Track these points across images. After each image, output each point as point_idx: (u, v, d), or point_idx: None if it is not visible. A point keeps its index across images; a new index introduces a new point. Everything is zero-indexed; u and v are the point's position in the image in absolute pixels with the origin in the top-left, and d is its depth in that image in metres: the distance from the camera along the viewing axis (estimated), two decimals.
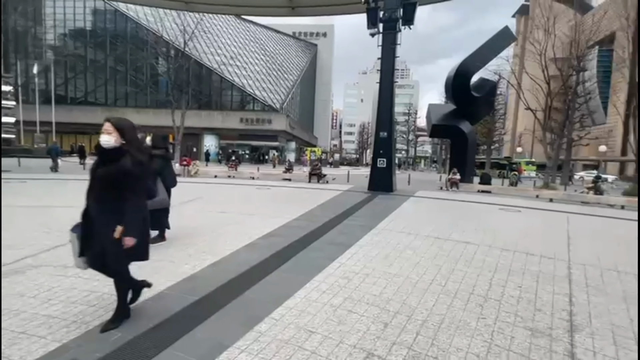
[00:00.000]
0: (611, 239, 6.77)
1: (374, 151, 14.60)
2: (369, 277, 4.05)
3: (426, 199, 12.34)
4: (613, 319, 3.21)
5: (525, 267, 4.69)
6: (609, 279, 4.29)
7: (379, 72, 13.89)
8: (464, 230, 6.90)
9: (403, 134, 56.52)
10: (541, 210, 10.39)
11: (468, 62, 20.10)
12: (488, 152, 38.55)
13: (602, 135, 49.53)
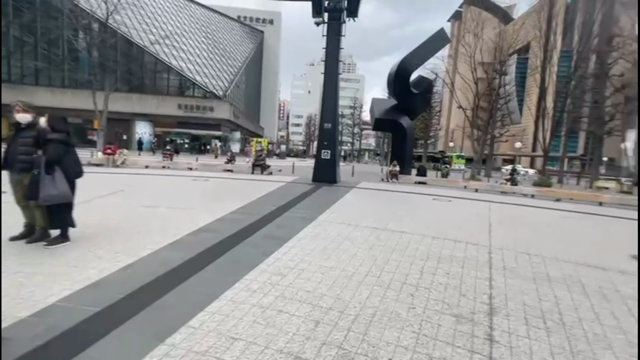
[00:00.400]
0: (524, 225, 7.57)
1: (318, 143, 14.55)
2: (304, 272, 3.87)
3: (368, 190, 12.67)
4: (525, 299, 3.48)
5: (453, 253, 4.95)
6: (522, 262, 4.72)
7: (324, 62, 13.76)
8: (401, 220, 7.14)
9: (349, 127, 57.93)
10: (468, 200, 11.32)
11: (407, 60, 21.06)
12: (425, 146, 41.39)
13: (517, 133, 56.43)
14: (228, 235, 5.27)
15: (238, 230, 5.58)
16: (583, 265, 4.76)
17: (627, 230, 7.83)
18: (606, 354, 2.56)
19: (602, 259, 5.09)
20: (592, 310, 3.29)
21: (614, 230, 7.83)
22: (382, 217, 7.36)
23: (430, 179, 18.18)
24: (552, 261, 4.83)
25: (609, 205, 12.15)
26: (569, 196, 13.20)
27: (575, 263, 4.84)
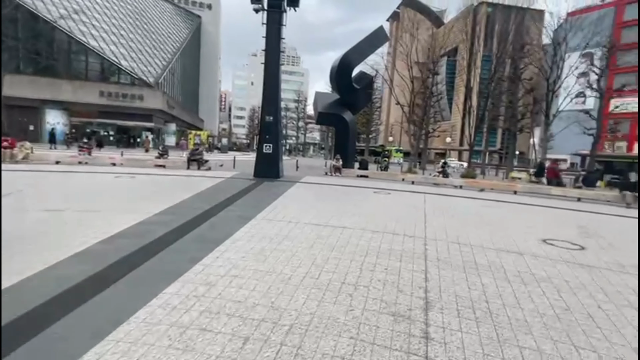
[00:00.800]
0: (454, 215, 8.09)
1: (259, 136, 13.96)
2: (236, 279, 3.51)
3: (311, 185, 12.55)
4: (457, 289, 3.59)
5: (392, 247, 5.00)
6: (453, 252, 4.95)
7: (264, 52, 13.16)
8: (342, 215, 7.10)
9: (293, 120, 57.50)
10: (406, 192, 11.86)
11: (349, 55, 21.33)
12: (367, 140, 42.92)
13: (448, 129, 61.69)
14: (150, 240, 4.64)
15: (163, 234, 4.95)
16: (504, 251, 5.17)
17: (536, 217, 8.86)
18: (527, 339, 2.69)
19: (518, 244, 5.59)
20: (513, 296, 3.50)
21: (526, 217, 8.81)
22: (324, 212, 7.24)
23: (372, 173, 18.77)
24: (479, 249, 5.16)
25: (521, 193, 13.76)
26: (490, 186, 14.69)
27: (498, 249, 5.23)
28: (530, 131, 27.87)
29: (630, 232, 7.33)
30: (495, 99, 27.75)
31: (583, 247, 5.67)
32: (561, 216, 8.98)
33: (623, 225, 8.36)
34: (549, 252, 5.26)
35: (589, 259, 5.01)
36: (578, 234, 6.65)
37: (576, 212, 9.75)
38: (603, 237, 6.51)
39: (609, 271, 4.53)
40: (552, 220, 8.33)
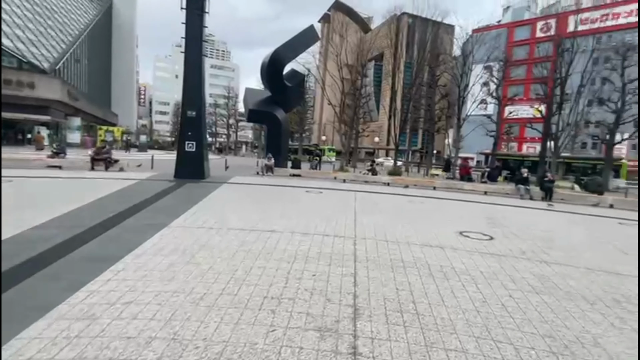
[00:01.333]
0: (382, 211, 8.29)
1: (180, 133, 12.65)
2: (131, 306, 2.84)
3: (240, 186, 11.80)
4: (385, 291, 3.47)
5: (321, 250, 4.76)
6: (382, 250, 4.92)
7: (184, 39, 11.92)
8: (271, 217, 6.67)
9: (223, 117, 54.55)
10: (338, 191, 11.92)
11: (280, 52, 20.88)
12: (300, 139, 42.91)
13: (376, 130, 65.48)
14: (16, 264, 3.59)
15: (37, 255, 3.91)
16: (427, 246, 5.34)
17: (453, 210, 9.62)
18: (452, 340, 2.64)
19: (439, 238, 5.87)
20: (438, 293, 3.52)
21: (444, 211, 9.52)
22: (251, 215, 6.71)
23: (305, 172, 18.66)
24: (405, 246, 5.24)
25: (439, 189, 15.05)
26: (414, 183, 15.79)
27: (422, 244, 5.39)
28: (445, 132, 30.97)
29: (524, 220, 8.38)
30: (417, 102, 30.14)
31: (492, 237, 6.21)
32: (473, 209, 9.93)
33: (519, 214, 9.58)
34: (465, 243, 5.62)
35: (498, 248, 5.47)
36: (487, 225, 7.33)
37: (484, 205, 10.92)
38: (506, 227, 7.29)
39: (514, 258, 4.97)
40: (466, 213, 9.12)
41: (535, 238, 6.37)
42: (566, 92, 22.75)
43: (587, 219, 9.29)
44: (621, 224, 8.66)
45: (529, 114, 31.43)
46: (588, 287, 3.99)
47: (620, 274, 4.60)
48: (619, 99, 23.17)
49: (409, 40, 34.18)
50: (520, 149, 51.05)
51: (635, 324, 3.12)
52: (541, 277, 4.21)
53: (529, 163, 30.99)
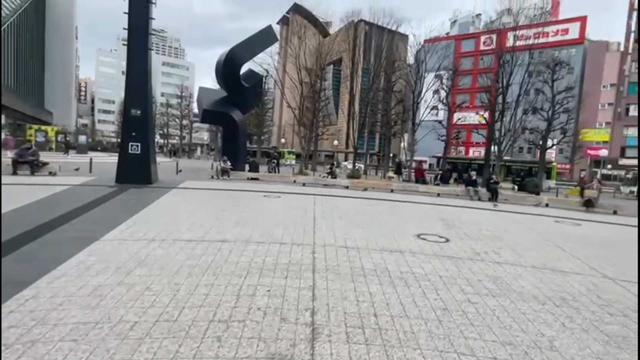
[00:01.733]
0: (341, 216, 8.14)
1: (123, 133, 11.49)
2: (35, 346, 2.28)
3: (192, 191, 11.00)
4: (345, 305, 3.24)
5: (278, 260, 4.43)
6: (342, 258, 4.71)
7: (127, 30, 10.86)
8: (224, 224, 6.18)
9: (176, 118, 51.50)
10: (297, 195, 11.62)
11: (236, 51, 20.14)
12: (259, 141, 41.95)
13: (335, 133, 66.33)
14: None
15: None
16: (387, 251, 5.25)
17: (410, 213, 9.80)
18: (416, 356, 2.48)
19: (399, 242, 5.84)
20: (399, 303, 3.38)
21: (402, 214, 9.66)
22: (202, 224, 6.16)
23: (263, 175, 18.10)
24: (365, 252, 5.09)
25: (397, 191, 15.42)
26: (372, 185, 16.03)
27: (381, 249, 5.29)
28: (401, 136, 32.18)
29: (474, 220, 8.76)
30: (374, 107, 30.95)
31: (448, 239, 6.33)
32: (428, 211, 10.21)
33: (470, 215, 10.03)
34: (423, 247, 5.63)
35: (454, 250, 5.56)
36: (442, 227, 7.51)
37: (438, 206, 11.31)
38: (459, 228, 7.53)
39: (470, 260, 5.05)
40: (422, 214, 9.33)
41: (486, 238, 6.62)
42: (507, 101, 24.79)
43: (528, 218, 10.00)
44: (557, 222, 9.43)
45: (475, 120, 33.89)
46: (537, 287, 4.13)
47: (562, 271, 4.87)
48: (550, 108, 25.77)
49: (366, 47, 35.05)
50: (467, 153, 54.87)
51: (582, 323, 3.23)
52: (495, 279, 4.28)
53: (475, 166, 33.24)
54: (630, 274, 4.95)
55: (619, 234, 8.78)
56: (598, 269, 5.07)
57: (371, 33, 38.03)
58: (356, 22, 43.79)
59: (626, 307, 3.71)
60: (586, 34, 50.35)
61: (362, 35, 51.88)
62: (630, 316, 3.46)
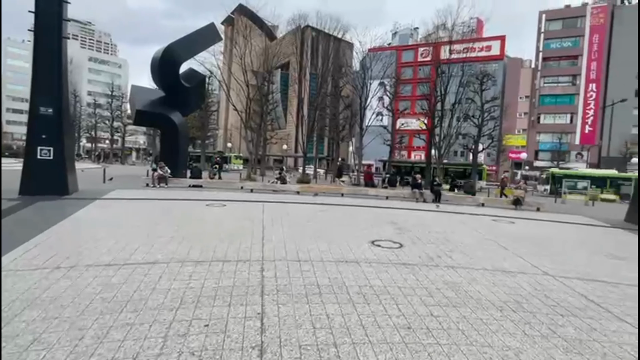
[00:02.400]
0: (293, 224, 7.65)
1: (29, 136, 9.62)
2: None
3: (120, 202, 9.61)
4: (300, 335, 2.77)
5: (220, 283, 3.79)
6: (294, 274, 4.23)
7: (33, 14, 9.15)
8: (155, 242, 5.29)
9: (106, 120, 46.24)
10: (244, 202, 10.84)
11: (175, 48, 18.61)
12: (203, 145, 39.56)
13: (284, 137, 65.62)
14: None
15: None
16: (343, 262, 4.91)
17: (361, 217, 9.68)
18: None
19: (354, 251, 5.54)
20: (361, 326, 3.00)
21: (354, 219, 9.50)
22: (128, 242, 5.20)
23: (207, 182, 16.83)
24: (320, 265, 4.68)
25: (347, 195, 15.41)
26: (323, 190, 15.82)
27: (337, 261, 4.93)
28: (349, 140, 32.82)
29: (423, 223, 8.93)
30: (322, 112, 31.09)
31: (401, 244, 6.22)
32: (379, 214, 10.20)
33: (418, 217, 10.27)
34: (379, 255, 5.40)
35: (408, 256, 5.42)
36: (394, 231, 7.45)
37: (387, 210, 11.43)
38: (410, 231, 7.54)
39: (425, 267, 4.93)
40: (374, 219, 9.24)
41: (437, 241, 6.67)
42: (445, 109, 26.67)
43: (470, 218, 10.55)
44: (495, 221, 10.08)
45: (417, 126, 36.02)
46: (492, 291, 4.09)
47: (510, 271, 4.98)
48: (480, 116, 28.31)
49: (313, 52, 35.23)
50: (409, 156, 58.21)
51: (540, 328, 3.18)
52: (453, 286, 4.17)
53: (417, 168, 35.20)
54: (563, 269, 5.26)
55: (546, 230, 9.63)
56: (539, 267, 5.31)
57: (318, 38, 38.38)
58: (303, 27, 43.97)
59: (571, 305, 3.82)
60: (505, 51, 56.91)
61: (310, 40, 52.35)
62: (579, 315, 3.54)
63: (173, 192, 12.85)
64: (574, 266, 5.51)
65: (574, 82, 53.31)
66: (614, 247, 7.48)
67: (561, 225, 10.46)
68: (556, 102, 54.78)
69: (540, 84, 55.09)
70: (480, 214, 11.50)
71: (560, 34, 53.76)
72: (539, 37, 55.04)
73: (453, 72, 27.25)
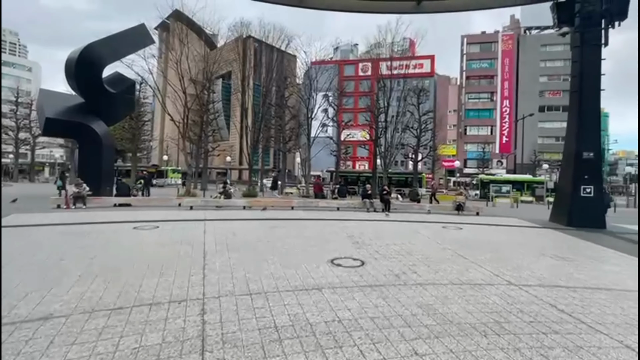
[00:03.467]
0: (241, 246, 6.73)
1: None
2: None
3: (18, 230, 7.66)
4: None
5: (142, 340, 2.81)
6: (244, 315, 3.40)
7: None
8: (58, 283, 4.01)
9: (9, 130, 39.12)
10: (181, 222, 9.50)
11: (96, 48, 16.35)
12: (134, 159, 35.64)
13: (227, 149, 62.79)
14: None
15: None
16: (302, 290, 4.20)
17: (315, 231, 9.06)
18: None
19: (312, 274, 4.88)
20: None
21: (308, 233, 8.85)
22: (15, 286, 3.84)
23: (137, 200, 14.78)
24: (276, 297, 3.91)
25: (297, 207, 14.71)
26: (271, 204, 14.89)
27: (295, 289, 4.21)
28: (296, 151, 32.30)
29: (379, 234, 8.65)
30: (268, 122, 30.21)
31: (363, 261, 5.72)
32: (333, 228, 9.69)
33: (373, 228, 10.01)
34: (341, 276, 4.81)
35: (374, 276, 4.92)
36: (353, 246, 6.97)
37: (341, 222, 11.00)
38: (369, 245, 7.13)
39: (394, 287, 4.46)
40: (329, 234, 8.70)
41: (398, 255, 6.33)
42: (387, 120, 27.75)
43: (422, 227, 10.61)
44: (445, 228, 10.26)
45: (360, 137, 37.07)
46: (468, 311, 3.74)
47: (476, 284, 4.76)
48: (418, 127, 30.09)
49: (256, 62, 34.32)
50: (354, 166, 59.82)
51: (531, 354, 2.84)
52: (428, 309, 3.73)
53: (364, 178, 35.98)
54: (521, 276, 5.24)
55: (492, 234, 10.04)
56: (500, 276, 5.21)
57: (262, 48, 37.61)
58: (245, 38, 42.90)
59: (547, 319, 3.61)
60: (435, 69, 62.44)
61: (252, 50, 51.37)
62: (559, 331, 3.31)
63: (93, 213, 10.86)
64: (530, 272, 5.54)
65: (492, 98, 60.42)
66: (553, 248, 7.96)
67: (502, 228, 11.06)
68: (479, 116, 61.44)
69: (465, 100, 61.36)
70: (430, 222, 11.70)
71: (478, 56, 60.83)
72: (462, 58, 61.62)
73: (392, 86, 28.63)
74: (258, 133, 28.39)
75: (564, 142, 12.53)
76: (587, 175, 11.04)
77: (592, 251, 7.78)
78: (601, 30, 10.82)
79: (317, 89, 28.64)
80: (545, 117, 57.27)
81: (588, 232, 10.27)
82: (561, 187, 12.47)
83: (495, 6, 15.08)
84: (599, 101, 11.05)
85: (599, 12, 10.59)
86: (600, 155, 11.32)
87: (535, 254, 7.08)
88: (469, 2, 14.93)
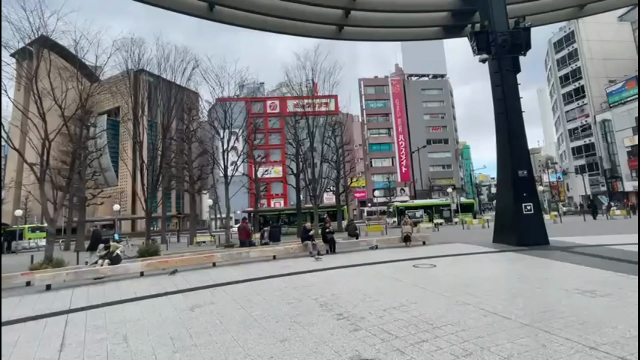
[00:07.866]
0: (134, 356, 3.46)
1: None
2: None
3: None
4: None
5: None
6: None
7: None
8: None
9: None
10: (21, 325, 5.30)
11: None
12: None
13: (115, 196, 52.21)
14: None
15: None
16: None
17: (269, 303, 6.15)
18: None
19: None
20: None
21: (256, 312, 5.88)
22: None
23: None
24: None
25: (220, 263, 11.21)
26: (183, 263, 10.98)
27: None
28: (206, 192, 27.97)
29: (355, 291, 6.31)
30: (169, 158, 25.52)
31: None
32: (289, 291, 6.91)
33: (342, 283, 7.60)
34: None
35: None
36: (341, 328, 4.43)
37: (292, 277, 8.26)
38: (363, 319, 4.70)
39: None
40: (288, 304, 5.90)
41: (422, 332, 4.07)
42: (306, 154, 26.50)
43: (389, 268, 8.71)
44: (416, 267, 8.56)
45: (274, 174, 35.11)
46: None
47: (483, 337, 2.83)
48: (336, 160, 29.80)
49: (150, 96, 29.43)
50: (269, 204, 56.86)
51: None
52: None
53: (285, 216, 33.42)
54: (525, 312, 3.60)
55: (467, 268, 8.77)
56: (511, 318, 3.45)
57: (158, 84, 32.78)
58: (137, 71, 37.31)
59: None
60: (340, 107, 66.76)
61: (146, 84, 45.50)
62: None
63: None
64: (529, 308, 3.99)
65: (389, 133, 67.14)
66: (526, 271, 7.10)
67: (465, 258, 10.01)
68: (380, 149, 67.15)
69: (367, 135, 66.59)
70: (391, 260, 9.93)
71: (374, 96, 67.85)
72: (361, 98, 67.75)
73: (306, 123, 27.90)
74: (158, 173, 23.47)
75: (495, 162, 12.82)
76: (525, 193, 11.20)
77: (591, 276, 6.99)
78: (512, 58, 11.69)
79: (225, 126, 25.74)
80: (432, 148, 66.14)
81: (543, 250, 10.06)
82: (502, 207, 12.52)
83: (413, 39, 15.69)
84: (522, 121, 11.69)
85: (510, 42, 11.46)
86: (532, 172, 11.73)
87: (516, 282, 5.79)
88: (388, 32, 15.21)
